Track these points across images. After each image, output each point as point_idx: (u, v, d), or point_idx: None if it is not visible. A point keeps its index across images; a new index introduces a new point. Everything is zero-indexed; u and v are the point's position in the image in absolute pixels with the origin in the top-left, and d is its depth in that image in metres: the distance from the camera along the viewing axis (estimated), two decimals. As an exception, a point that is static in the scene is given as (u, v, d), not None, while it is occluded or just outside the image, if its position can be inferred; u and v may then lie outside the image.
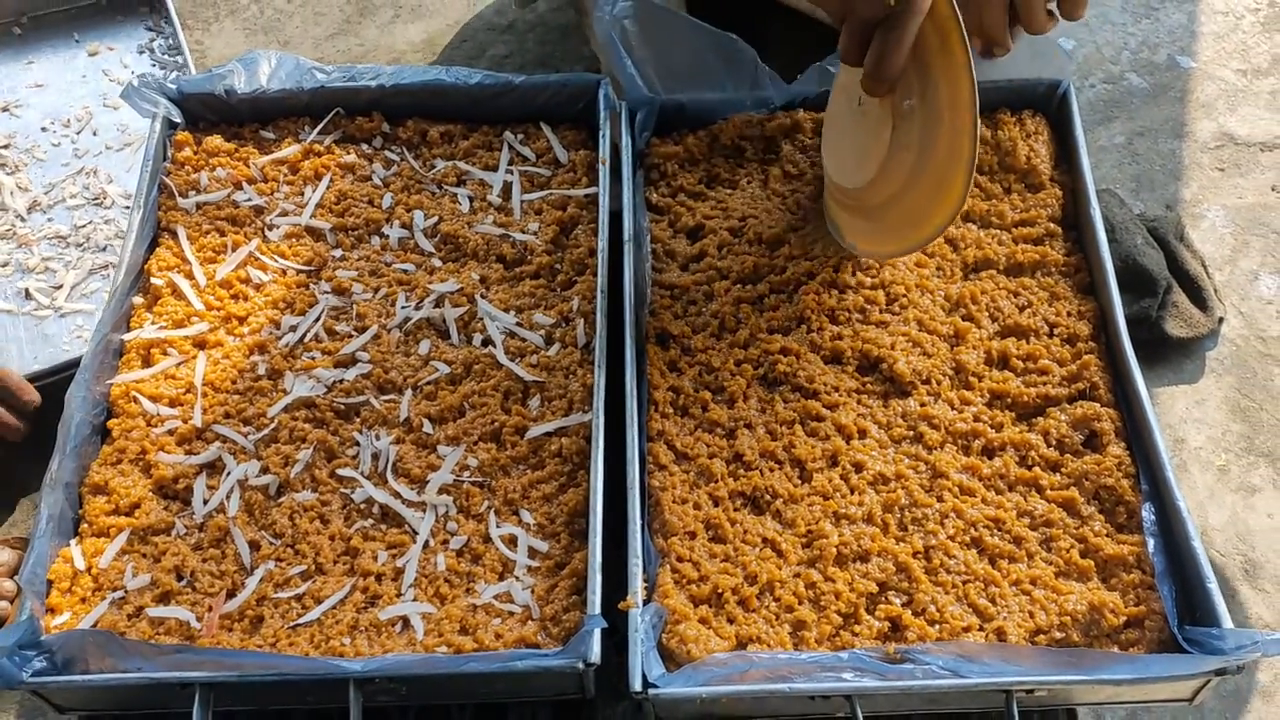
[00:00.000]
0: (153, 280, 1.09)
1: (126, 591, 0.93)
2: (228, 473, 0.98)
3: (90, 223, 1.28)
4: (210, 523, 0.96)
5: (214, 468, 1.00)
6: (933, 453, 0.98)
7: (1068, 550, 0.93)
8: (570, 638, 0.86)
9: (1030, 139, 1.14)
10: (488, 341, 1.06)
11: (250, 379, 1.04)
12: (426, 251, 1.13)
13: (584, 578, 0.90)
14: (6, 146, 1.35)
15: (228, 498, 0.97)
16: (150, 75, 1.18)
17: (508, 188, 1.17)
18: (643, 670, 0.83)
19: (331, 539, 0.95)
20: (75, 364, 1.03)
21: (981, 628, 0.89)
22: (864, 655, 0.85)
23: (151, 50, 1.41)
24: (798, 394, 1.02)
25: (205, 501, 0.97)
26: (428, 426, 1.01)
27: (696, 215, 1.13)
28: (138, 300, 1.09)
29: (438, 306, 1.08)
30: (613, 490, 0.94)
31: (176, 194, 1.15)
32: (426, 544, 0.95)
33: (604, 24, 1.12)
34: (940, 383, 1.02)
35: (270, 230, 1.14)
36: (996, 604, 0.90)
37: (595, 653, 0.83)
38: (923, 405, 1.00)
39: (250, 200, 1.15)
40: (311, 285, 1.10)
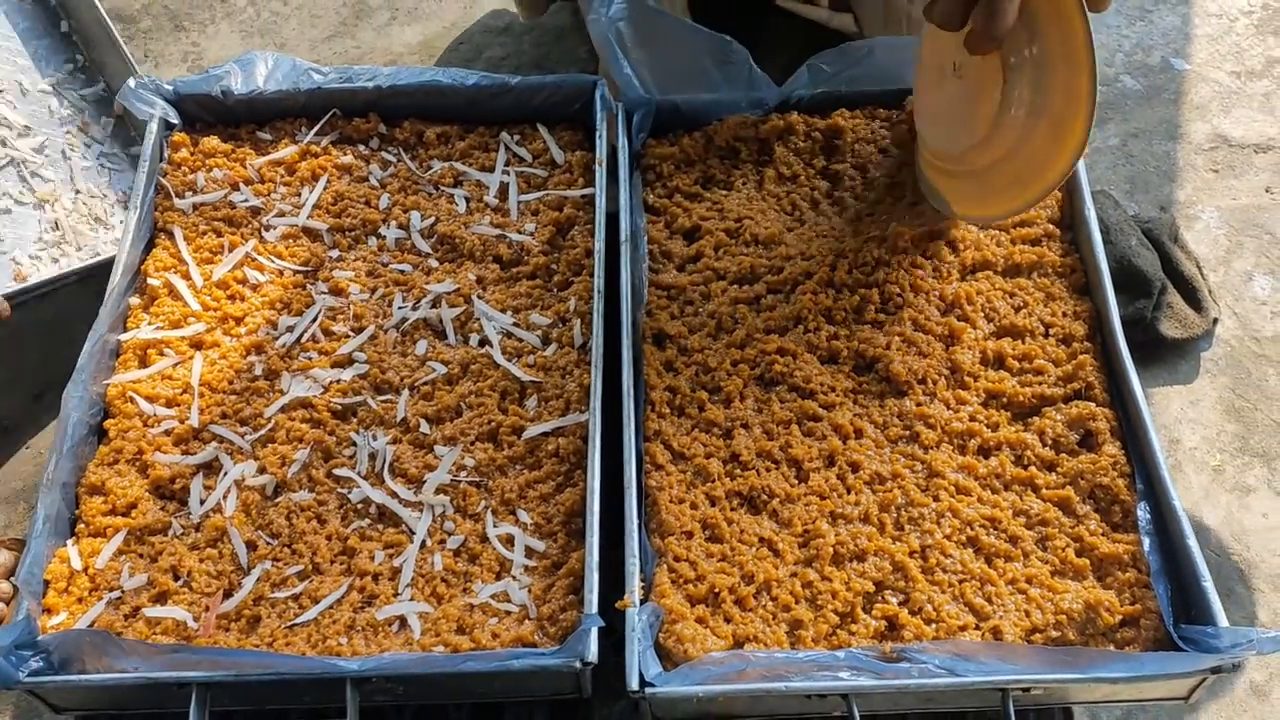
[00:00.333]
0: (149, 281, 1.09)
1: (123, 591, 0.93)
2: (225, 473, 0.98)
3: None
4: (207, 523, 0.96)
5: (211, 468, 1.00)
6: (929, 452, 0.98)
7: (1063, 549, 0.93)
8: (567, 637, 0.86)
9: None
10: (484, 342, 1.06)
11: (247, 379, 1.04)
12: (423, 252, 1.13)
13: (581, 577, 0.90)
14: None
15: (225, 498, 0.97)
16: (148, 77, 1.18)
17: (504, 188, 1.17)
18: (640, 669, 0.83)
19: (328, 539, 0.95)
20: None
21: (978, 626, 0.89)
22: (860, 654, 0.85)
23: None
24: (794, 394, 1.02)
25: (202, 501, 0.97)
26: (425, 426, 1.01)
27: (693, 216, 1.13)
28: (134, 301, 1.09)
29: (434, 307, 1.08)
30: (609, 490, 0.94)
31: (173, 195, 1.15)
32: (423, 544, 0.95)
33: (600, 25, 1.12)
34: (936, 383, 1.02)
35: (267, 231, 1.14)
36: (992, 603, 0.90)
37: (592, 652, 0.83)
38: (919, 405, 1.01)
39: (247, 201, 1.15)
40: (308, 286, 1.10)
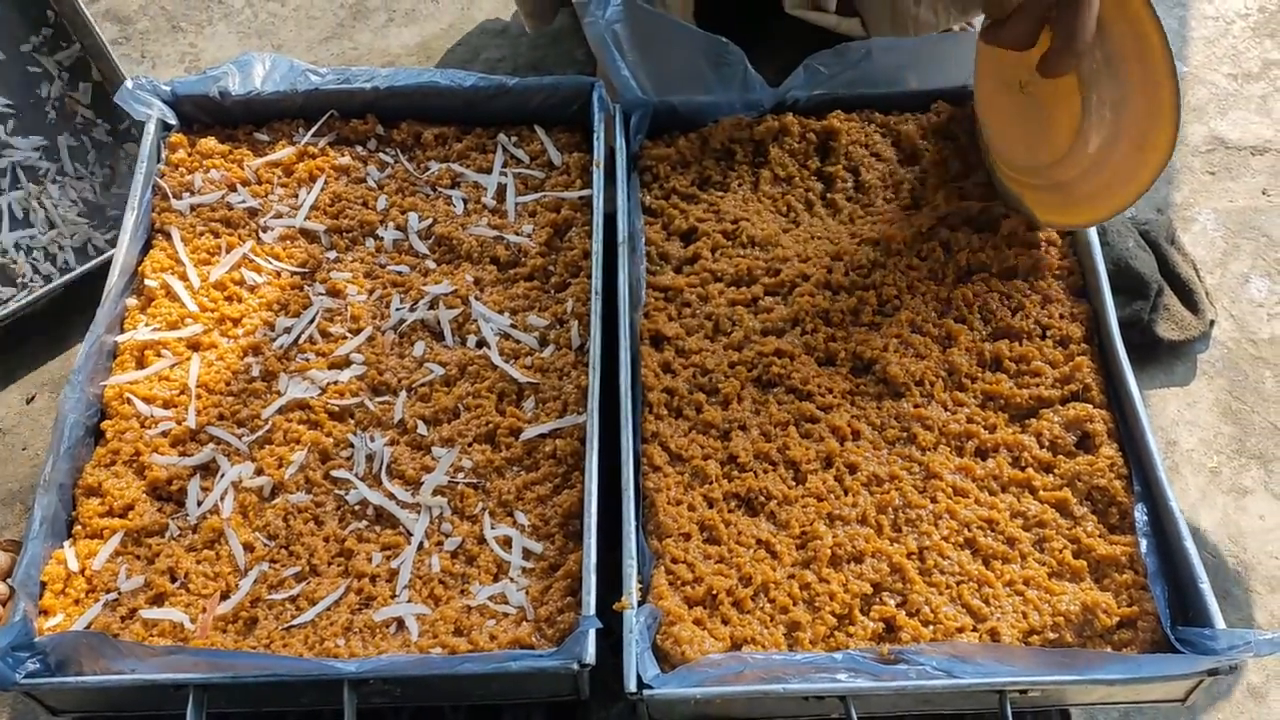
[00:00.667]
0: (146, 282, 1.09)
1: (120, 593, 0.93)
2: (222, 474, 0.98)
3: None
4: (204, 524, 0.96)
5: (208, 469, 0.99)
6: (926, 454, 0.98)
7: (1061, 551, 0.93)
8: (565, 639, 0.86)
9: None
10: (482, 343, 1.06)
11: (244, 380, 1.04)
12: (421, 253, 1.13)
13: (579, 579, 0.90)
14: None
15: (222, 499, 0.97)
16: (145, 78, 1.18)
17: (502, 190, 1.17)
18: (637, 671, 0.83)
19: (326, 540, 0.95)
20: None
21: (975, 628, 0.89)
22: (858, 656, 0.85)
23: None
24: (792, 396, 1.02)
25: (199, 503, 0.97)
26: (422, 428, 1.01)
27: (690, 218, 1.13)
28: (131, 302, 1.09)
29: (432, 308, 1.08)
30: (607, 492, 0.94)
31: (170, 196, 1.15)
32: (421, 545, 0.95)
33: (597, 27, 1.12)
34: (934, 384, 1.02)
35: (264, 232, 1.14)
36: (990, 604, 0.90)
37: (590, 654, 0.83)
38: (916, 407, 1.01)
39: (244, 202, 1.15)
40: (306, 287, 1.10)
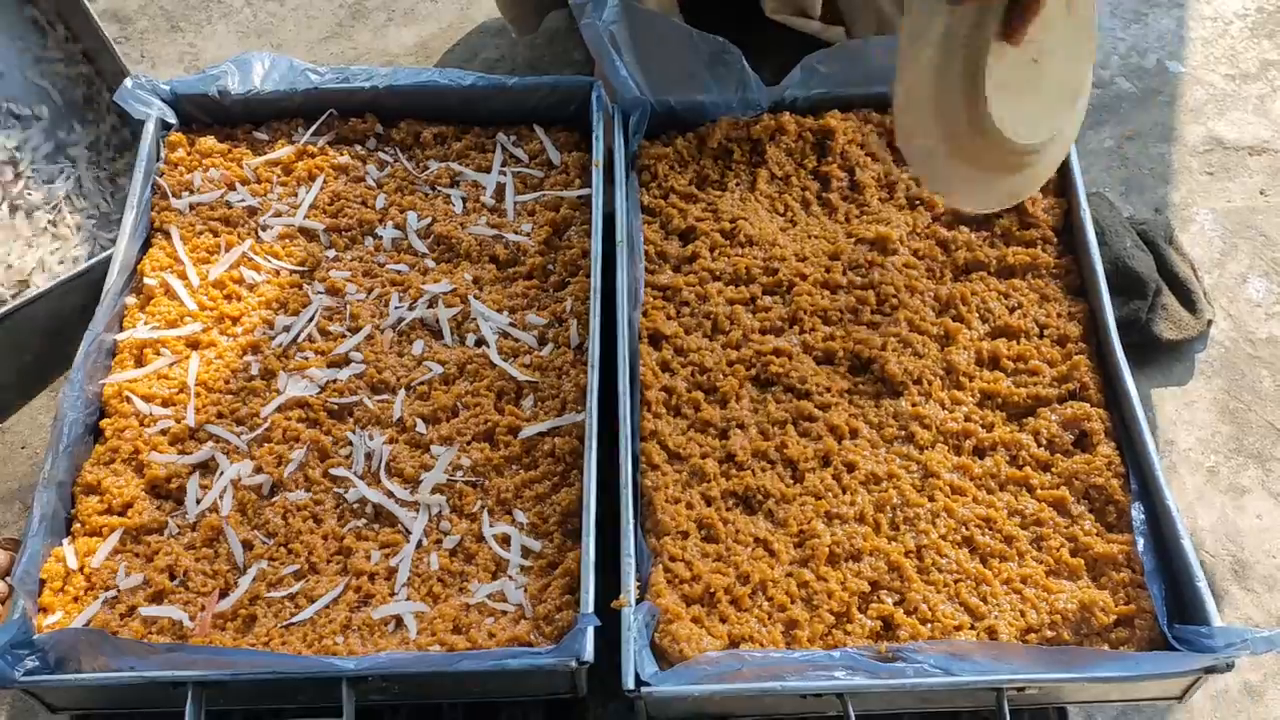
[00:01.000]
0: (146, 280, 1.09)
1: (119, 591, 0.93)
2: (220, 472, 0.98)
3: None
4: (203, 522, 0.96)
5: (207, 467, 1.00)
6: (924, 452, 0.98)
7: (1058, 549, 0.93)
8: (563, 637, 0.86)
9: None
10: (481, 342, 1.06)
11: (243, 379, 1.04)
12: (420, 252, 1.13)
13: (577, 577, 0.90)
14: None
15: (220, 497, 0.97)
16: (144, 77, 1.18)
17: (501, 189, 1.17)
18: (635, 669, 0.83)
19: (324, 538, 0.95)
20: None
21: (973, 626, 0.89)
22: (856, 654, 0.85)
23: None
24: (790, 394, 1.02)
25: (198, 501, 0.97)
26: (421, 426, 1.01)
27: (688, 217, 1.13)
28: (130, 300, 1.09)
29: (431, 307, 1.08)
30: (605, 490, 0.94)
31: (170, 194, 1.15)
32: (420, 543, 0.95)
33: (594, 29, 1.13)
34: (931, 383, 1.02)
35: (264, 231, 1.14)
36: (988, 603, 0.90)
37: (588, 651, 0.83)
38: (914, 405, 1.01)
39: (244, 201, 1.15)
40: (305, 285, 1.10)
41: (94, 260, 1.22)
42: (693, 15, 1.27)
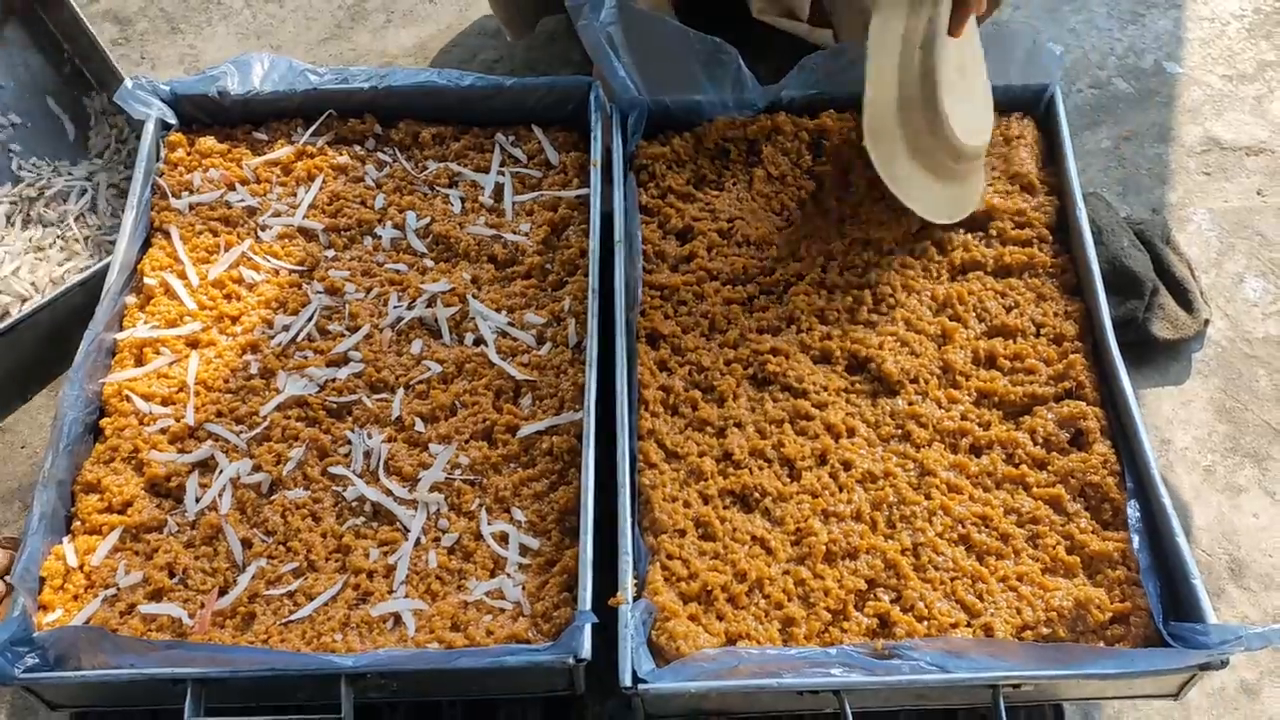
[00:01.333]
0: (145, 280, 1.10)
1: (119, 589, 0.93)
2: (220, 471, 0.99)
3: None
4: (202, 520, 0.97)
5: (206, 466, 1.00)
6: (921, 451, 0.99)
7: (1054, 547, 0.93)
8: (561, 634, 0.86)
9: (1015, 141, 1.15)
10: (479, 341, 1.07)
11: (243, 378, 1.05)
12: (419, 252, 1.14)
13: (575, 575, 0.90)
14: None
15: (220, 495, 0.98)
16: (144, 78, 1.19)
17: (499, 189, 1.17)
18: (633, 666, 0.84)
19: (323, 536, 0.96)
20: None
21: (969, 624, 0.90)
22: (852, 651, 0.86)
23: None
24: (787, 393, 1.02)
25: (197, 499, 0.98)
26: (419, 425, 1.01)
27: (685, 217, 1.13)
28: (130, 300, 1.09)
29: (430, 306, 1.09)
30: (603, 488, 0.95)
31: (170, 194, 1.15)
32: (418, 541, 0.95)
33: (592, 31, 1.13)
34: (928, 382, 1.03)
35: (263, 231, 1.14)
36: (984, 600, 0.91)
37: (586, 648, 0.84)
38: (911, 404, 1.01)
39: (243, 201, 1.16)
40: (304, 285, 1.11)
41: (96, 266, 1.22)
42: (688, 16, 1.28)
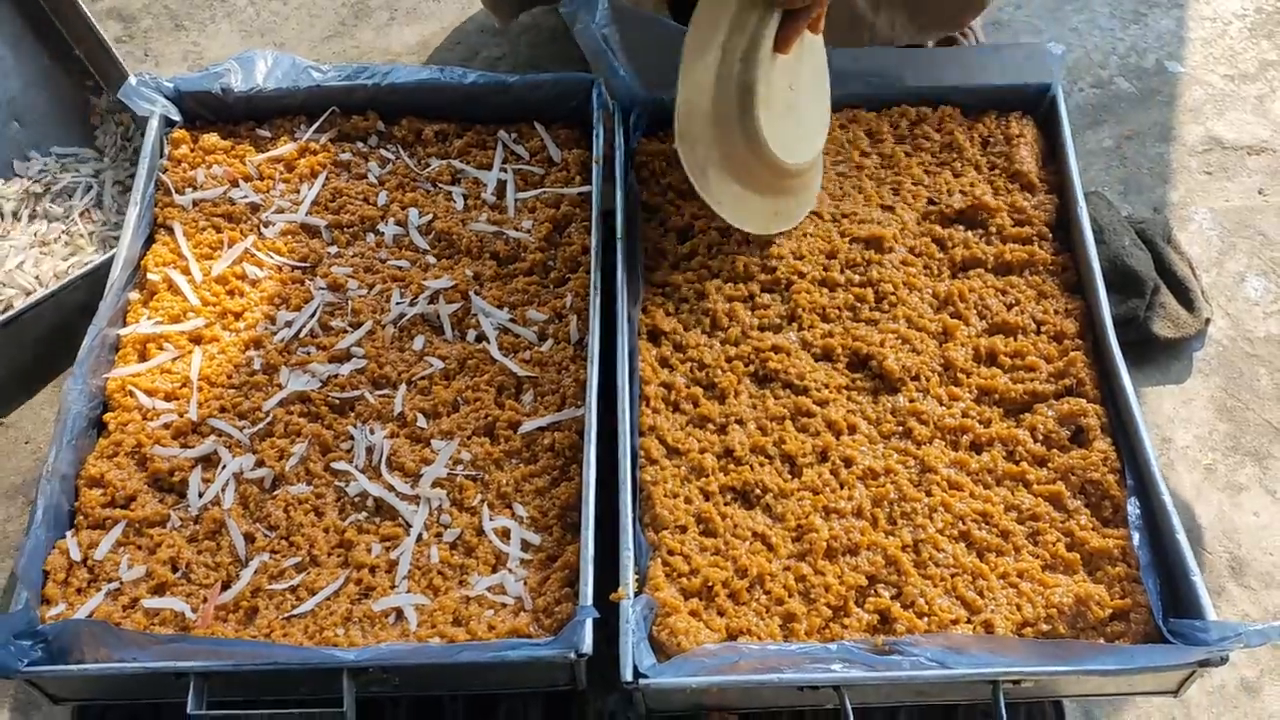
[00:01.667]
0: (149, 276, 1.10)
1: (122, 583, 0.93)
2: (223, 466, 0.99)
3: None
4: (205, 515, 0.97)
5: (209, 461, 1.00)
6: (921, 448, 0.99)
7: (1054, 544, 0.94)
8: (562, 629, 0.87)
9: (1016, 140, 1.16)
10: (481, 337, 1.07)
11: (246, 374, 1.05)
12: (421, 249, 1.14)
13: (576, 570, 0.91)
14: None
15: (223, 491, 0.98)
16: (148, 74, 1.19)
17: (502, 186, 1.18)
18: (634, 661, 0.84)
19: (326, 531, 0.96)
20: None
21: (969, 620, 0.90)
22: (852, 647, 0.86)
23: None
24: (788, 390, 1.03)
25: (200, 494, 0.98)
26: (422, 421, 1.02)
27: (685, 215, 1.13)
28: (134, 295, 1.10)
29: (432, 303, 1.09)
30: (604, 485, 0.95)
31: (173, 190, 1.16)
32: (420, 537, 0.96)
33: (589, 33, 1.13)
34: (929, 379, 1.03)
35: (266, 227, 1.15)
36: (984, 596, 0.91)
37: (587, 643, 0.84)
38: (912, 401, 1.01)
39: (246, 197, 1.16)
40: (307, 281, 1.11)
41: (99, 260, 1.22)
42: (682, 15, 1.28)
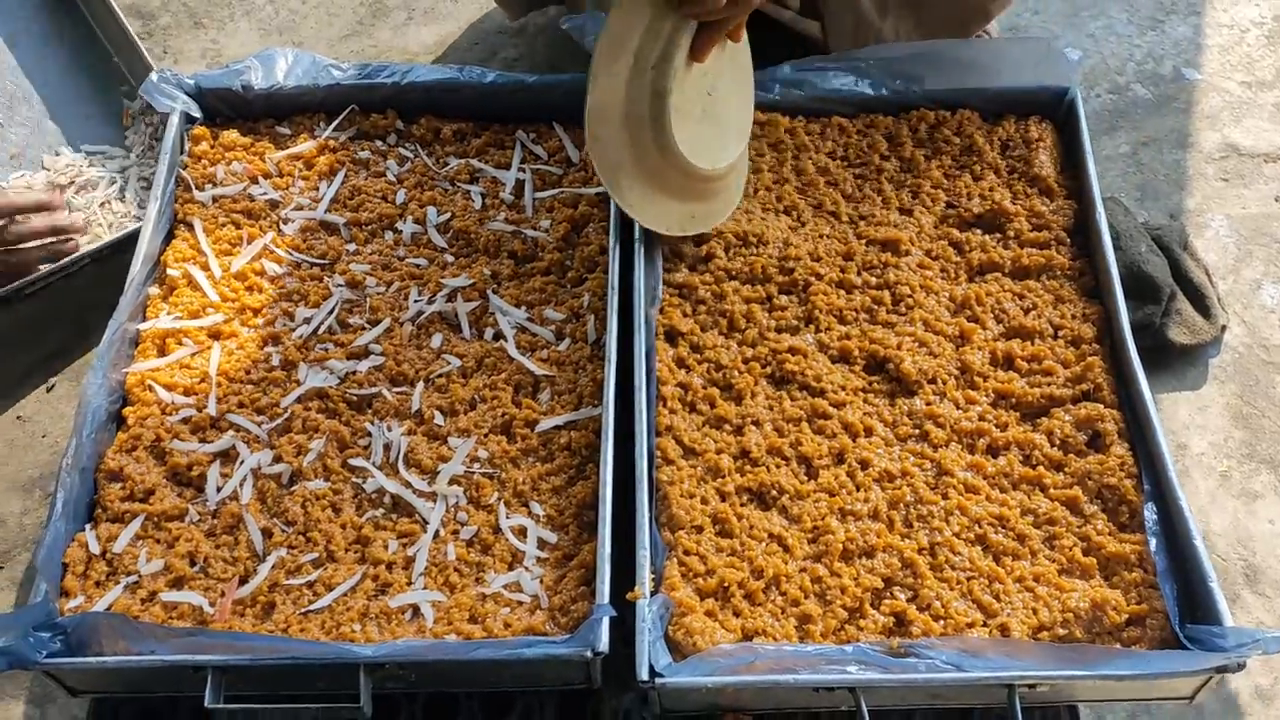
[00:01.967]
0: (169, 271, 1.11)
1: (140, 576, 0.94)
2: (241, 461, 1.00)
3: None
4: (223, 510, 0.97)
5: (227, 456, 1.01)
6: (938, 451, 0.99)
7: (1070, 548, 0.94)
8: (578, 628, 0.87)
9: (1036, 144, 1.16)
10: (499, 336, 1.07)
11: (264, 369, 1.05)
12: (439, 247, 1.14)
13: (592, 569, 0.91)
14: None
15: (241, 485, 0.98)
16: (169, 70, 1.20)
17: (520, 185, 1.18)
18: (649, 660, 0.84)
19: (343, 527, 0.96)
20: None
21: (985, 623, 0.90)
22: (868, 649, 0.86)
23: None
24: (805, 392, 1.03)
25: (219, 489, 0.98)
26: (439, 418, 1.02)
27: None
28: (154, 290, 1.10)
29: (450, 301, 1.09)
30: (621, 484, 0.95)
31: (193, 187, 1.16)
32: (437, 534, 0.96)
33: (590, 44, 1.14)
34: (946, 382, 1.03)
35: (285, 224, 1.15)
36: (1000, 600, 0.91)
37: (604, 641, 0.84)
38: (928, 404, 1.02)
39: (266, 194, 1.17)
40: (325, 278, 1.12)
41: (108, 239, 1.21)
42: None
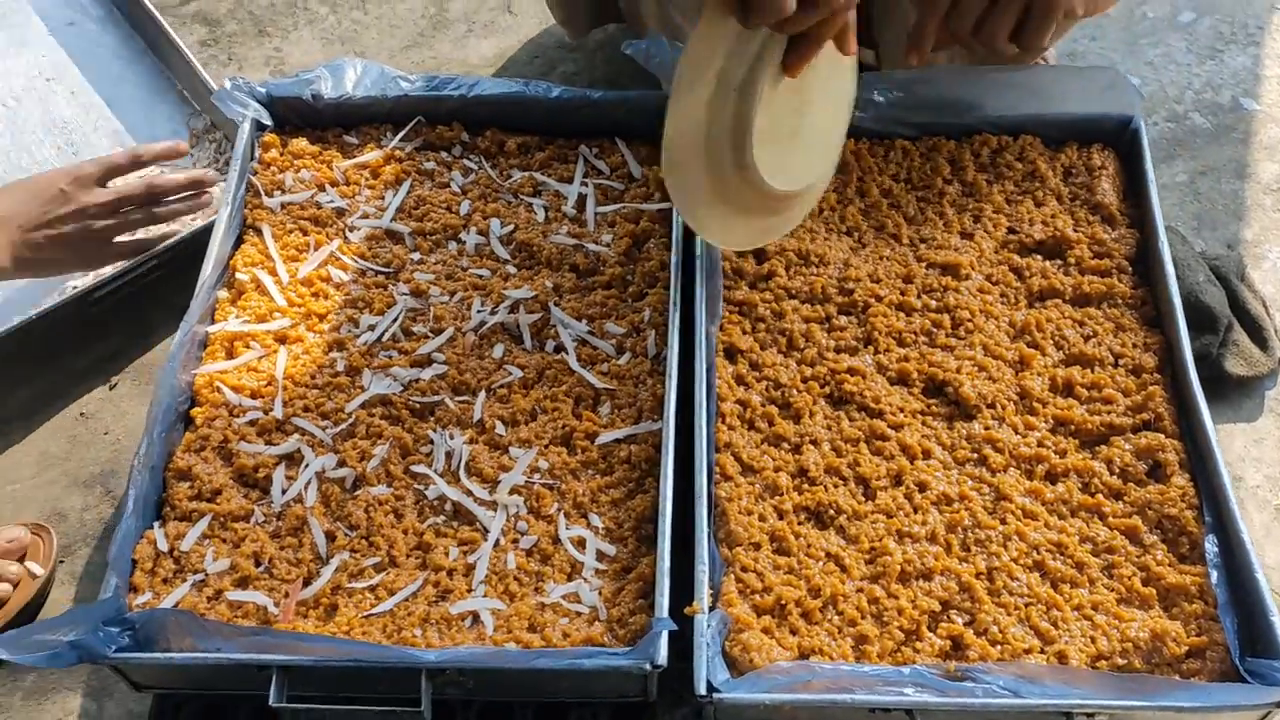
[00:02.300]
0: (238, 275, 1.13)
1: (207, 574, 0.96)
2: (306, 464, 1.01)
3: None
4: (288, 512, 0.99)
5: (293, 459, 1.02)
6: (996, 476, 0.99)
7: (1130, 578, 0.93)
8: (635, 640, 0.88)
9: (1098, 172, 1.16)
10: (560, 348, 1.09)
11: (329, 374, 1.07)
12: (502, 258, 1.16)
13: (650, 582, 0.91)
14: None
15: (305, 489, 1.00)
16: (241, 79, 1.22)
17: (582, 200, 1.19)
18: (707, 675, 0.85)
19: (405, 533, 0.98)
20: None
21: (1043, 650, 0.90)
22: (925, 671, 0.86)
23: None
24: (863, 413, 1.03)
25: (284, 491, 1.00)
26: (500, 428, 1.03)
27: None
28: (223, 294, 1.12)
29: (512, 312, 1.11)
30: (679, 499, 0.96)
31: (263, 193, 1.18)
32: (497, 542, 0.97)
33: (664, 70, 1.15)
34: (1005, 407, 1.03)
35: (351, 231, 1.17)
36: (1058, 627, 0.91)
37: (663, 655, 0.85)
38: (987, 429, 1.02)
39: (333, 202, 1.19)
40: (390, 286, 1.13)
41: (188, 231, 1.24)
42: None
